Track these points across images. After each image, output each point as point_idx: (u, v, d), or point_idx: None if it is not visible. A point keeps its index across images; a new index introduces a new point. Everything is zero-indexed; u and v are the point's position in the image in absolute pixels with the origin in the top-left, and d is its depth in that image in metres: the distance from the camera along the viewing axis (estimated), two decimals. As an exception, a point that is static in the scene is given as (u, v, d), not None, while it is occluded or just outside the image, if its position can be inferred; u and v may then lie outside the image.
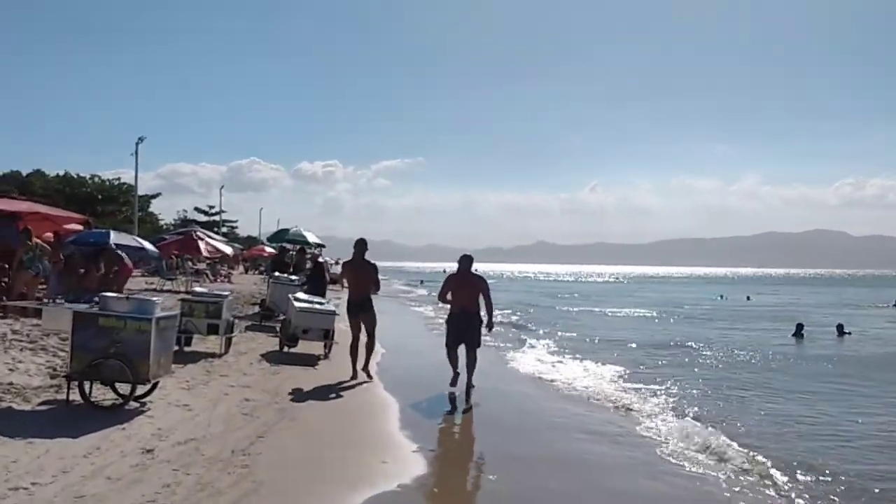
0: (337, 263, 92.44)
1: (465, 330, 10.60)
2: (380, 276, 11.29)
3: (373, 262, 11.24)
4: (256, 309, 18.79)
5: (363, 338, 11.26)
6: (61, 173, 67.45)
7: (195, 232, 28.27)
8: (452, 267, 11.18)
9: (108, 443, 6.34)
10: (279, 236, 24.55)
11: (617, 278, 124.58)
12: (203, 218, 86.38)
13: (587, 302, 43.72)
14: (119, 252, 15.58)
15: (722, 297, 52.01)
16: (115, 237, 16.69)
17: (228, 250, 28.74)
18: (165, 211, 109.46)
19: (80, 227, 18.60)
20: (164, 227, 71.63)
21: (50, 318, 7.84)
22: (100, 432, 6.61)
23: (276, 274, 18.01)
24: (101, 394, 7.87)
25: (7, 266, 14.72)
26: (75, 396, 7.45)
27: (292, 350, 12.85)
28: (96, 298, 7.95)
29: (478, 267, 12.13)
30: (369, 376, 11.15)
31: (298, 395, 9.36)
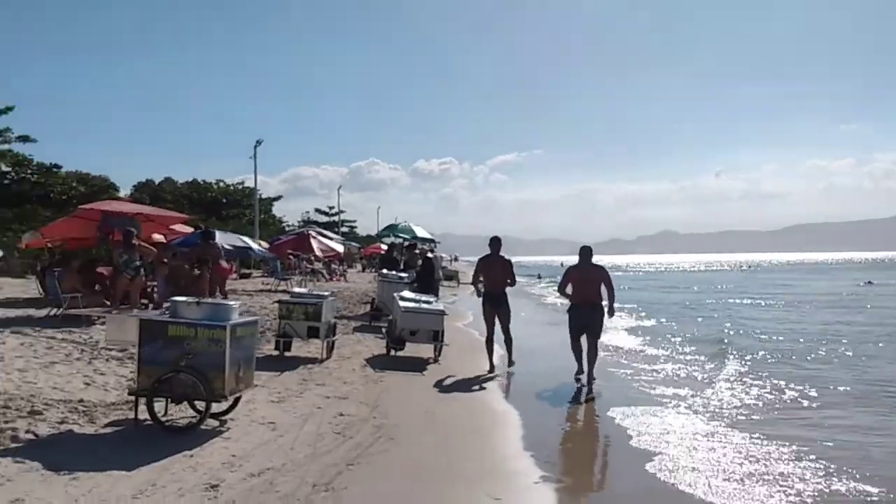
0: (455, 260, 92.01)
1: (587, 320, 10.52)
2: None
3: (508, 257, 11.46)
4: (367, 308, 17.86)
5: (499, 335, 11.35)
6: (189, 180, 70.15)
7: (308, 231, 27.91)
8: (569, 260, 11.05)
9: (167, 476, 5.31)
10: (388, 231, 23.74)
11: (749, 266, 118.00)
12: (323, 219, 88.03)
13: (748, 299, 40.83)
14: (217, 251, 14.94)
15: (870, 282, 47.57)
16: (220, 237, 16.12)
17: (340, 249, 28.19)
18: (290, 213, 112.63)
19: (188, 230, 18.29)
20: (287, 228, 73.10)
21: (114, 327, 6.96)
22: (163, 461, 5.60)
23: (384, 271, 17.02)
24: (180, 411, 6.94)
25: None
26: (147, 415, 6.53)
27: (399, 354, 11.76)
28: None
29: (599, 259, 11.50)
30: (510, 363, 11.37)
31: (401, 408, 8.16)
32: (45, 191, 40.81)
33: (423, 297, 12.37)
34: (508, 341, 11.44)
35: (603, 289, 10.67)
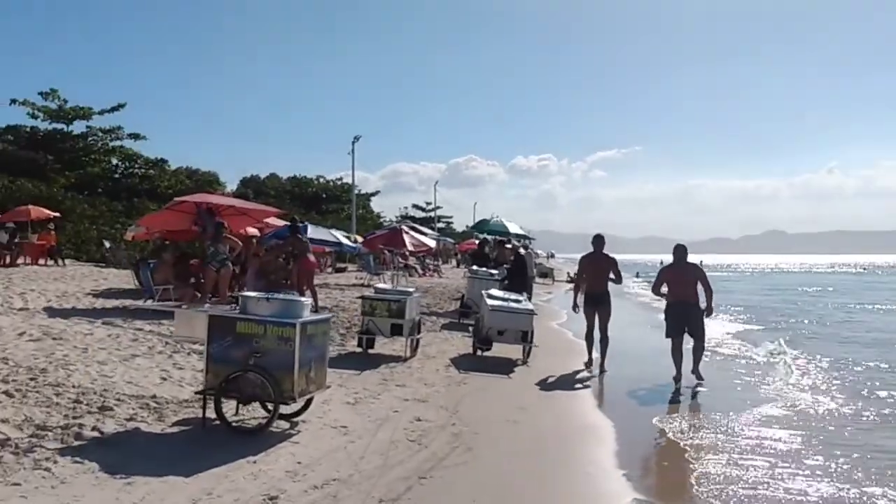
0: (551, 257, 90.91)
1: (684, 319, 10.28)
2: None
3: (612, 255, 11.33)
4: (457, 306, 17.41)
5: (597, 334, 11.12)
6: (291, 176, 71.90)
7: (401, 226, 27.72)
8: (670, 259, 10.74)
9: (226, 484, 4.97)
10: (479, 227, 23.24)
11: (864, 269, 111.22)
12: (420, 214, 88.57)
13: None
14: (304, 245, 14.78)
15: None
16: (312, 231, 16.02)
17: (433, 244, 27.87)
18: (388, 209, 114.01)
19: (282, 223, 18.31)
20: (385, 223, 73.87)
21: (183, 322, 6.73)
22: (224, 466, 5.28)
23: (474, 268, 16.52)
24: (251, 411, 6.64)
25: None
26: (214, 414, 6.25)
27: (486, 354, 11.24)
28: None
29: (703, 259, 10.85)
30: (602, 369, 10.94)
31: (483, 415, 7.64)
32: (153, 185, 42.36)
33: (512, 296, 11.79)
34: (604, 342, 11.07)
35: (700, 288, 10.47)
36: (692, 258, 11.02)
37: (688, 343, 10.34)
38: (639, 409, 8.92)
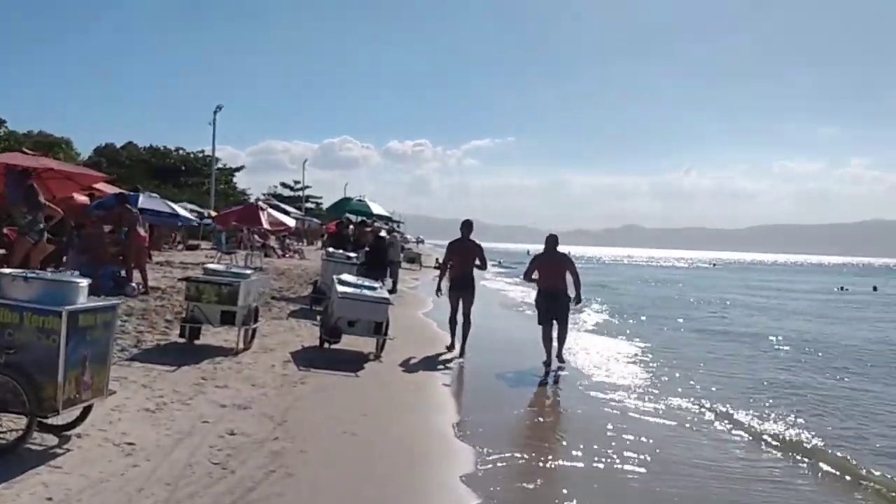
0: (421, 242, 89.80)
1: (554, 306, 10.80)
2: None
3: (478, 242, 11.57)
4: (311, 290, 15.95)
5: (460, 318, 11.35)
6: (150, 146, 67.50)
7: (258, 202, 25.80)
8: (535, 248, 11.71)
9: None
10: (339, 207, 21.80)
11: (714, 264, 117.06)
12: (288, 193, 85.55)
13: (710, 297, 39.54)
14: (132, 216, 12.97)
15: (843, 288, 46.52)
16: (143, 201, 14.16)
17: (291, 223, 26.12)
18: (259, 187, 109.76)
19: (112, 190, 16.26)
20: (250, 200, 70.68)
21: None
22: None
23: (330, 250, 15.14)
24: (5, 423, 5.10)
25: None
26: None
27: (335, 347, 9.95)
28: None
29: (563, 250, 11.61)
30: (462, 353, 11.18)
31: (316, 424, 6.37)
32: (-19, 148, 38.09)
33: (367, 282, 10.56)
34: (466, 326, 11.32)
35: (569, 276, 11.04)
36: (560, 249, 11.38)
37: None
38: (501, 407, 8.02)
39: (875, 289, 46.97)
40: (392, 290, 18.08)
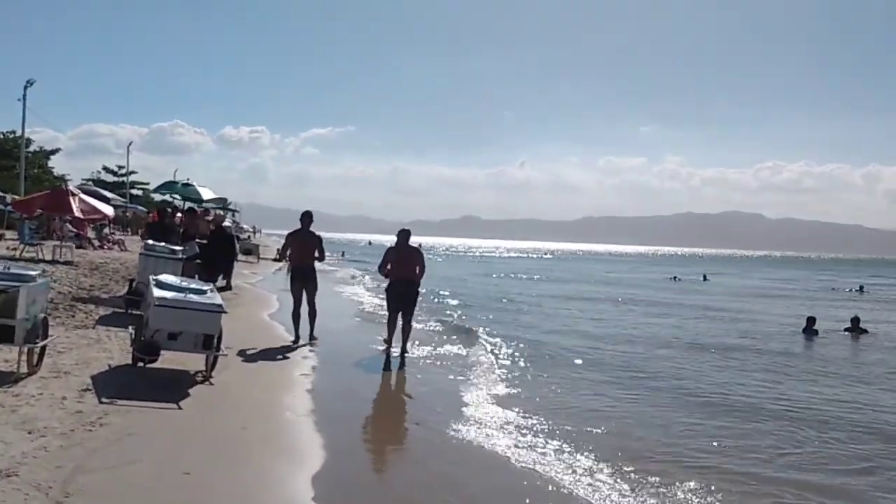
0: (257, 232, 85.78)
1: (404, 298, 11.27)
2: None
3: (318, 233, 11.64)
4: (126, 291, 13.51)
5: (304, 308, 11.57)
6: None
7: (67, 186, 22.40)
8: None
9: None
10: (164, 190, 19.14)
11: (547, 254, 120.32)
12: (111, 178, 79.00)
13: (534, 285, 39.43)
14: None
15: (676, 278, 48.29)
16: None
17: (108, 210, 22.96)
18: (81, 172, 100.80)
19: None
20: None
21: None
22: None
23: (150, 242, 12.82)
24: None
25: None
26: None
27: (152, 366, 7.94)
28: None
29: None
30: (312, 338, 11.49)
31: (113, 495, 4.52)
32: None
33: (193, 284, 8.53)
34: (312, 314, 11.61)
35: (418, 269, 11.45)
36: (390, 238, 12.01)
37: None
38: (371, 447, 6.42)
39: (705, 278, 49.10)
40: (226, 287, 15.95)
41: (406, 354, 11.24)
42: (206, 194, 17.35)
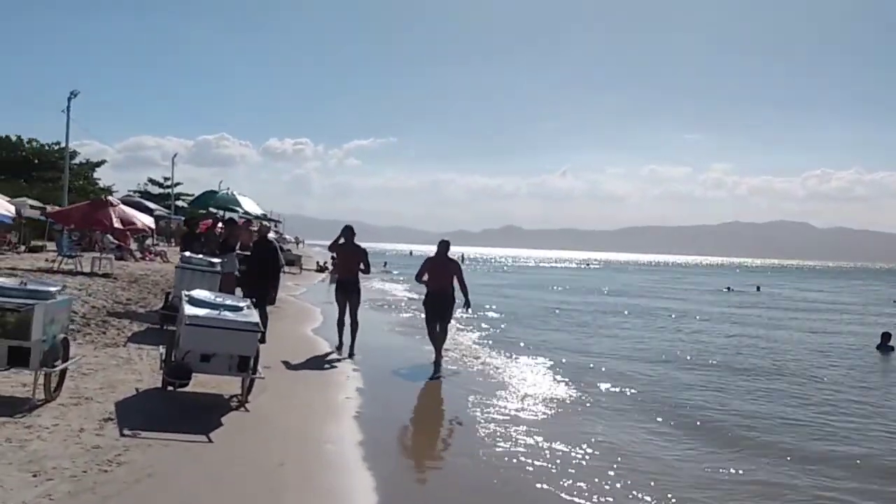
0: (301, 243, 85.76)
1: (440, 307, 11.37)
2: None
3: (362, 246, 11.87)
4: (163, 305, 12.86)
5: (348, 319, 11.68)
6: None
7: (107, 197, 21.91)
8: (418, 249, 12.90)
9: None
10: (203, 200, 18.52)
11: (589, 264, 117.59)
12: (157, 190, 79.66)
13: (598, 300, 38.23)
14: None
15: (729, 289, 46.62)
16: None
17: (149, 221, 22.44)
18: (127, 183, 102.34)
19: None
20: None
21: None
22: None
23: (186, 254, 12.16)
24: None
25: None
26: None
27: (183, 390, 7.21)
28: None
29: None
30: (352, 354, 11.36)
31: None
32: None
33: (228, 300, 7.79)
34: (354, 327, 11.68)
35: (456, 282, 11.41)
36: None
37: None
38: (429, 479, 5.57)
39: (758, 289, 47.45)
40: (271, 301, 15.18)
41: (443, 359, 11.39)
42: (248, 205, 16.66)
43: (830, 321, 26.33)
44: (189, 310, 7.10)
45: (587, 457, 6.86)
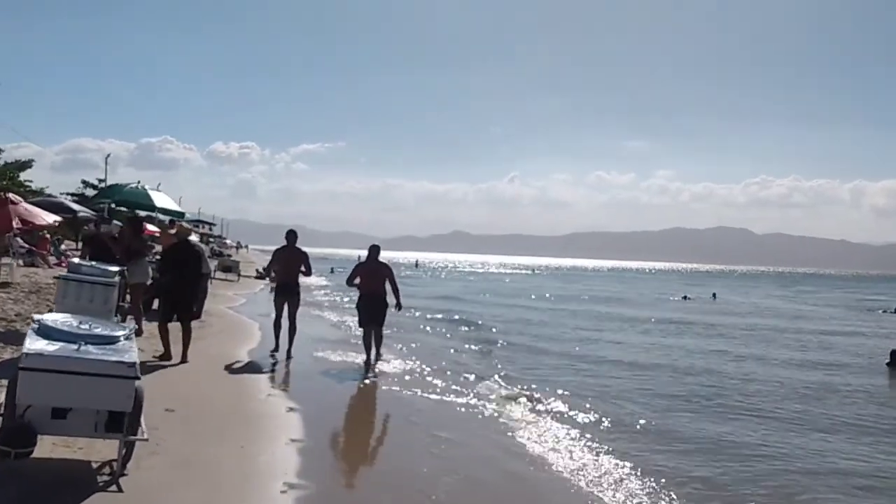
0: (242, 247, 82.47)
1: (373, 310, 11.64)
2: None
3: (304, 249, 11.91)
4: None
5: (285, 322, 11.56)
6: None
7: (8, 195, 18.95)
8: (365, 255, 12.22)
9: None
10: (107, 194, 16.00)
11: (534, 271, 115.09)
12: (91, 192, 75.80)
13: (545, 307, 36.42)
14: None
15: (686, 297, 45.02)
16: None
17: (51, 219, 19.39)
18: (65, 186, 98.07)
19: None
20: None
21: None
22: None
23: (75, 261, 9.74)
24: None
25: None
26: None
27: (36, 456, 4.91)
28: None
29: (394, 255, 7.71)
30: (289, 356, 11.37)
31: None
32: None
33: (98, 327, 5.47)
34: (292, 330, 11.59)
35: (388, 284, 11.73)
36: (391, 254, 10.45)
37: None
38: None
39: (714, 297, 46.30)
40: (196, 315, 12.65)
41: (381, 359, 11.80)
42: (161, 201, 14.04)
43: (822, 333, 24.39)
44: (33, 343, 4.81)
45: None
